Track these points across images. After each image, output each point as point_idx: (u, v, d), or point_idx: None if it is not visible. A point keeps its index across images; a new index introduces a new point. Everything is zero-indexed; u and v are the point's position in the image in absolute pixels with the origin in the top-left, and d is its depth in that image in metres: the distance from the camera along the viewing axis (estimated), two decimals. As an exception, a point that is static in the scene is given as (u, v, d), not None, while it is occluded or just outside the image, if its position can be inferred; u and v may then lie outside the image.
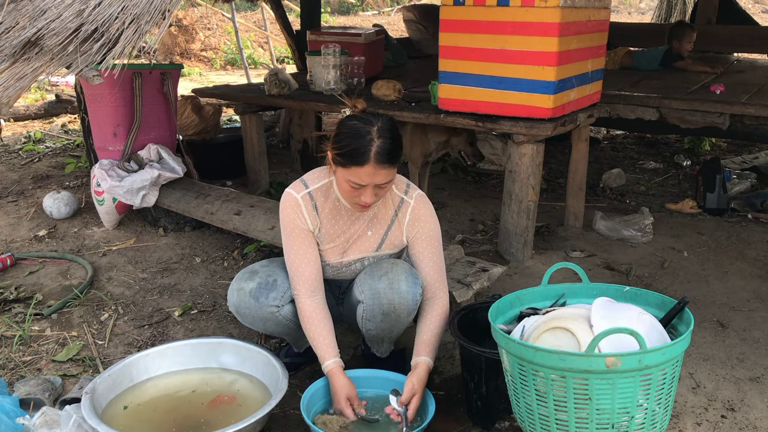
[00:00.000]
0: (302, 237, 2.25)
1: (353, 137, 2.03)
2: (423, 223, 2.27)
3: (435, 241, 2.30)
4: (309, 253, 2.25)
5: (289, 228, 2.25)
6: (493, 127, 3.36)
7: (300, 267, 2.24)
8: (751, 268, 3.44)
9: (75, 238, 3.91)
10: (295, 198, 2.23)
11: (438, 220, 2.32)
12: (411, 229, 2.28)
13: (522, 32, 3.09)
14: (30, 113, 7.14)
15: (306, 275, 2.24)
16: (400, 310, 2.22)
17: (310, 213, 2.24)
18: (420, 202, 2.27)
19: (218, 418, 2.19)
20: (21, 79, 2.31)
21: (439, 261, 2.31)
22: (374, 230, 2.29)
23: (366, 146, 2.01)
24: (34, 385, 2.37)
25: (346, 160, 2.04)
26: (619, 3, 17.23)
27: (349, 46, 4.41)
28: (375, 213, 2.28)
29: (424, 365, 2.17)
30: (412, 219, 2.27)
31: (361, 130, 2.03)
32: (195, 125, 4.81)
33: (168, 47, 11.30)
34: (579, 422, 1.67)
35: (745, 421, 2.25)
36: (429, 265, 2.29)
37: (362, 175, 2.04)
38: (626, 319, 1.75)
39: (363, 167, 2.02)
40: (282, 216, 2.26)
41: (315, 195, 2.24)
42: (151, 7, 2.31)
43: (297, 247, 2.24)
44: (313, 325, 2.22)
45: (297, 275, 2.25)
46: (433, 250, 2.30)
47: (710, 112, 3.94)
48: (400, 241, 2.31)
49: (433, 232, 2.29)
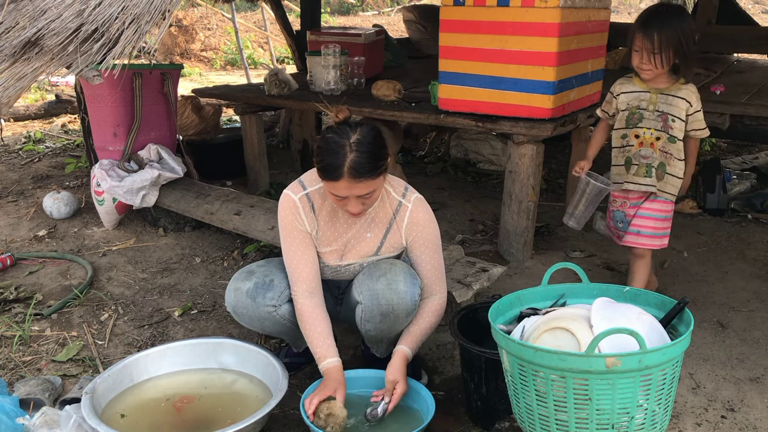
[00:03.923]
0: (300, 238, 2.25)
1: (327, 152, 2.02)
2: (421, 227, 2.27)
3: (433, 244, 2.30)
4: (307, 254, 2.25)
5: (288, 229, 2.25)
6: (493, 127, 3.36)
7: (298, 267, 2.24)
8: (751, 269, 3.44)
9: (75, 238, 3.91)
10: (292, 199, 2.23)
11: (437, 223, 2.32)
12: (409, 232, 2.28)
13: (522, 32, 3.09)
14: (30, 113, 7.14)
15: (304, 276, 2.24)
16: (398, 310, 2.21)
17: (307, 215, 2.24)
18: (418, 206, 2.27)
19: (219, 417, 2.19)
20: (21, 79, 2.31)
21: (438, 263, 2.32)
22: (373, 233, 2.29)
23: (339, 161, 1.99)
24: (34, 385, 2.37)
25: (322, 174, 2.05)
26: (619, 3, 17.22)
27: (349, 46, 4.41)
28: (373, 216, 2.27)
29: (399, 354, 2.20)
30: (410, 223, 2.27)
31: (335, 145, 2.01)
32: (195, 125, 4.81)
33: (168, 47, 11.30)
34: (579, 422, 1.67)
35: (745, 421, 2.25)
36: (427, 268, 2.30)
37: (339, 189, 2.04)
38: (626, 320, 1.75)
39: (338, 182, 2.02)
40: (280, 217, 2.26)
41: (313, 196, 2.24)
42: (151, 7, 2.31)
43: (295, 248, 2.24)
44: (312, 325, 2.22)
45: (295, 276, 2.25)
46: (432, 253, 2.30)
47: (710, 112, 3.93)
48: (399, 243, 2.31)
49: (431, 235, 2.29)
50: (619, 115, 2.73)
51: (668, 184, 2.69)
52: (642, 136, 2.67)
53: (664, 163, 2.66)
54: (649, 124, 2.65)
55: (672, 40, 2.48)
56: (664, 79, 2.61)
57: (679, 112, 2.60)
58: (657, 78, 2.60)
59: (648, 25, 2.52)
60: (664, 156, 2.65)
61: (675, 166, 2.67)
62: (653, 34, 2.48)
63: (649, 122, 2.65)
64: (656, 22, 2.51)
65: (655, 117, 2.63)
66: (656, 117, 2.63)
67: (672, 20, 2.51)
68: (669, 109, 2.60)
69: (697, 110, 2.63)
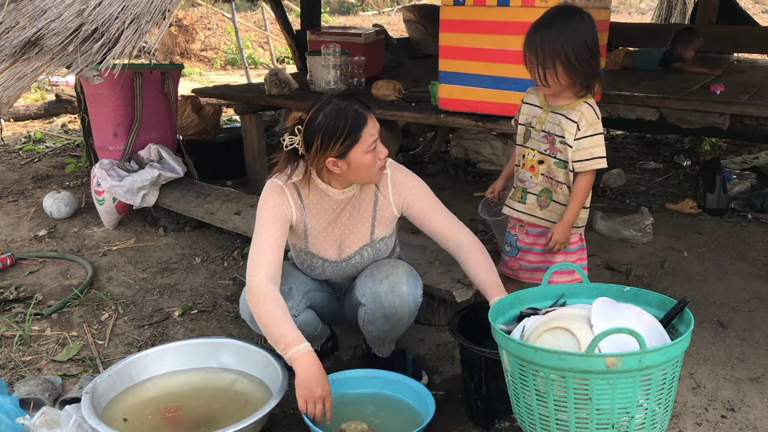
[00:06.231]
0: (280, 223, 2.18)
1: (338, 117, 2.06)
2: (406, 185, 2.28)
3: (427, 194, 2.30)
4: (279, 242, 2.17)
5: (271, 212, 2.18)
6: (493, 127, 3.36)
7: (267, 252, 2.13)
8: (751, 268, 3.44)
9: (75, 238, 3.91)
10: (279, 185, 2.21)
11: (418, 176, 2.33)
12: (397, 196, 2.28)
13: (522, 32, 3.03)
14: (30, 113, 7.13)
15: (270, 260, 2.13)
16: (401, 312, 2.21)
17: (294, 201, 2.23)
18: (395, 169, 2.29)
19: (219, 417, 2.19)
20: (21, 79, 2.31)
21: (442, 209, 2.31)
22: (362, 209, 2.28)
23: (351, 111, 2.07)
24: (34, 385, 2.37)
25: (354, 134, 2.06)
26: (619, 3, 17.22)
27: (349, 46, 4.41)
28: (357, 193, 2.27)
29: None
30: (394, 187, 2.27)
31: (335, 109, 2.07)
32: (195, 125, 4.81)
33: (168, 47, 11.29)
34: (579, 422, 1.67)
35: (745, 421, 2.25)
36: (436, 217, 2.29)
37: (371, 129, 2.09)
38: (626, 319, 1.75)
39: (367, 126, 2.08)
40: (264, 200, 2.19)
41: (299, 185, 2.23)
42: (151, 7, 2.31)
43: (270, 232, 2.16)
44: (279, 307, 2.06)
45: (261, 258, 2.13)
46: (430, 203, 2.30)
47: (710, 112, 3.93)
48: (391, 214, 2.31)
49: (420, 187, 2.30)
50: (519, 129, 2.40)
51: (555, 213, 2.33)
52: (526, 156, 2.34)
53: (550, 189, 2.31)
54: (534, 145, 2.31)
55: (556, 53, 2.11)
56: (566, 95, 2.24)
57: (567, 135, 2.22)
58: (559, 94, 2.24)
59: (531, 37, 2.18)
60: (550, 182, 2.30)
61: (565, 194, 2.30)
62: (536, 48, 2.15)
63: (534, 142, 2.31)
64: (539, 33, 2.16)
65: (540, 137, 2.28)
66: (542, 138, 2.28)
67: (557, 28, 2.14)
68: (555, 129, 2.24)
69: (586, 135, 2.20)
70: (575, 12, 2.20)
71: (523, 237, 2.43)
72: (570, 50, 2.12)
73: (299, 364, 2.00)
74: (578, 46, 2.13)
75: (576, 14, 2.19)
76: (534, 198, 2.35)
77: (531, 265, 2.41)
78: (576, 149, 2.22)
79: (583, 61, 2.14)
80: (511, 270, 2.49)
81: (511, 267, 2.49)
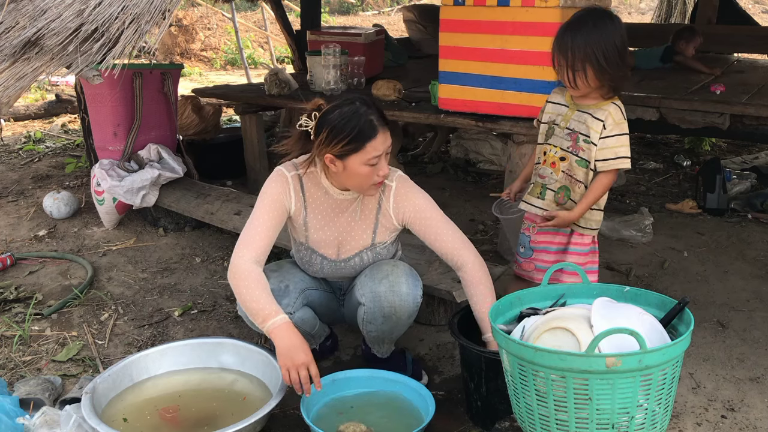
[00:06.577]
0: (277, 212, 2.21)
1: (350, 120, 2.05)
2: (408, 201, 2.26)
3: (432, 211, 2.27)
4: (273, 229, 2.20)
5: (270, 199, 2.21)
6: (493, 127, 3.36)
7: (258, 236, 2.17)
8: (751, 268, 3.44)
9: (75, 238, 3.91)
10: (285, 175, 2.24)
11: (425, 191, 2.31)
12: (398, 211, 2.27)
13: (522, 32, 3.09)
14: (30, 113, 7.13)
15: (258, 244, 2.16)
16: (401, 312, 2.22)
17: (296, 193, 2.24)
18: (400, 183, 2.27)
19: (219, 416, 2.19)
20: (21, 79, 2.31)
21: (448, 224, 2.27)
22: (364, 215, 2.28)
23: (366, 119, 2.06)
24: (34, 385, 2.37)
25: (357, 142, 2.05)
26: (619, 3, 17.22)
27: (349, 46, 4.41)
28: (360, 198, 2.27)
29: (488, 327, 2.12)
30: (396, 201, 2.26)
31: (351, 112, 2.07)
32: (195, 125, 4.81)
33: (168, 47, 11.29)
34: (579, 422, 1.67)
35: (745, 421, 2.25)
36: (439, 235, 2.25)
37: (378, 145, 2.08)
38: (626, 320, 1.75)
39: (376, 138, 2.07)
40: (267, 186, 2.24)
41: (304, 178, 2.24)
42: (151, 7, 2.31)
43: (266, 218, 2.19)
44: (255, 284, 2.08)
45: (250, 241, 2.16)
46: (433, 220, 2.26)
47: (710, 112, 3.94)
48: (392, 225, 2.30)
49: (423, 204, 2.27)
50: (541, 128, 2.42)
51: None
52: (548, 153, 2.35)
53: (568, 187, 2.31)
54: (556, 142, 2.32)
55: (586, 55, 2.11)
56: (593, 96, 2.24)
57: (592, 134, 2.22)
58: (586, 96, 2.24)
59: (561, 39, 2.18)
60: (569, 180, 2.30)
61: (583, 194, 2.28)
62: (566, 50, 2.15)
63: (557, 139, 2.32)
64: (569, 35, 2.16)
65: (564, 135, 2.29)
66: (565, 135, 2.29)
67: (586, 31, 2.13)
68: (580, 128, 2.25)
69: (611, 135, 2.20)
70: (605, 14, 2.19)
71: (536, 237, 2.43)
72: (600, 53, 2.11)
73: (276, 335, 2.02)
74: (608, 48, 2.12)
75: (606, 16, 2.18)
76: (552, 194, 2.35)
77: (546, 266, 2.38)
78: (601, 148, 2.22)
79: (612, 64, 2.13)
80: (525, 271, 2.49)
81: (525, 269, 2.49)
